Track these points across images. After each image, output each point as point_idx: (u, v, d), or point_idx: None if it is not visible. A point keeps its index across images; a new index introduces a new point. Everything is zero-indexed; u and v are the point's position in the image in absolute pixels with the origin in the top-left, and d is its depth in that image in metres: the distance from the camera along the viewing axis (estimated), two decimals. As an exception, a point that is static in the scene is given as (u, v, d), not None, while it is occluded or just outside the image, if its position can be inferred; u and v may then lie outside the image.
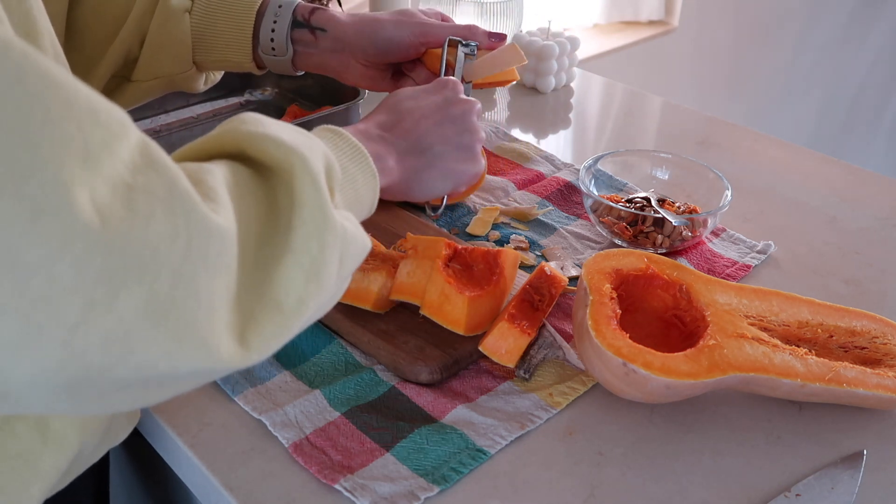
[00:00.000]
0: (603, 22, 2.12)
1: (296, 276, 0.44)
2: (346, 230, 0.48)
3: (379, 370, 0.70)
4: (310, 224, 0.44)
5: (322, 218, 0.45)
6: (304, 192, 0.45)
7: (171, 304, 0.36)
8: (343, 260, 0.47)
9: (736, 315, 0.67)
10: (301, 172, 0.45)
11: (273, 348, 0.43)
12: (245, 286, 0.41)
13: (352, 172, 0.57)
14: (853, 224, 0.94)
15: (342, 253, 0.47)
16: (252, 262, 0.42)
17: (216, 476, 0.60)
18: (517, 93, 1.27)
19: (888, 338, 0.69)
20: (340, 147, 0.57)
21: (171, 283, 0.36)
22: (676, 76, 2.31)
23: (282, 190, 0.45)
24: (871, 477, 0.62)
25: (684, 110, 1.23)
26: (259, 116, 0.49)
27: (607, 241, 0.88)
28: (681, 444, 0.64)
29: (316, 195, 0.45)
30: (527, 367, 0.69)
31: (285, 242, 0.44)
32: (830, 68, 2.89)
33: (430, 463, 0.61)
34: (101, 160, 0.35)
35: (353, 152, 0.58)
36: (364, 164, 0.58)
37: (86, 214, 0.33)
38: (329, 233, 0.45)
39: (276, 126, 0.48)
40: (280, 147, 0.46)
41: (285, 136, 0.47)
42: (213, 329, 0.38)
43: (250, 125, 0.47)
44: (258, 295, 0.42)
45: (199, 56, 0.85)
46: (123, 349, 0.35)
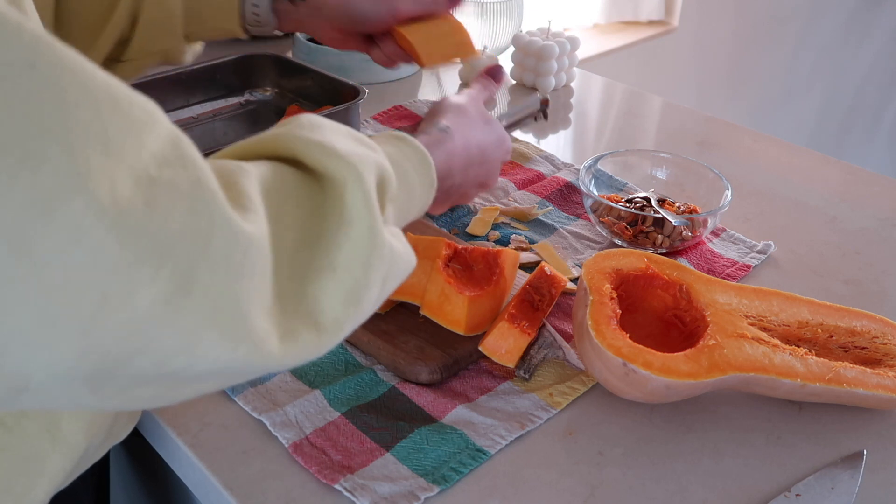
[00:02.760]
0: (603, 22, 2.12)
1: (336, 295, 0.42)
2: (394, 250, 0.46)
3: (379, 370, 0.70)
4: (357, 244, 0.43)
5: (371, 239, 0.44)
6: (354, 209, 0.44)
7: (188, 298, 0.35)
8: (386, 280, 0.47)
9: (736, 315, 0.67)
10: (353, 187, 0.44)
11: (302, 361, 0.42)
12: (280, 294, 0.40)
13: (412, 180, 0.56)
14: (853, 224, 0.94)
15: (386, 274, 0.46)
16: (288, 271, 0.41)
17: (216, 476, 0.60)
18: (517, 93, 1.27)
19: (888, 338, 0.69)
20: (405, 153, 0.56)
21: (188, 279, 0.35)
22: (676, 76, 2.31)
23: (332, 201, 0.44)
24: (871, 477, 0.62)
25: (684, 110, 1.23)
26: (318, 120, 0.48)
27: (607, 241, 0.88)
28: (681, 444, 0.64)
29: (366, 213, 0.44)
30: (527, 367, 0.69)
31: (329, 258, 0.43)
32: (830, 68, 2.89)
33: (430, 463, 0.61)
34: (124, 149, 0.34)
35: (418, 160, 0.57)
36: (426, 173, 0.57)
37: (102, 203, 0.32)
38: (376, 255, 0.44)
39: (332, 133, 0.47)
40: (332, 157, 0.44)
41: (340, 145, 0.45)
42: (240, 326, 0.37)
43: (306, 130, 0.46)
44: (294, 306, 0.41)
45: (191, 28, 0.87)
46: (141, 341, 0.35)
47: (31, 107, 0.32)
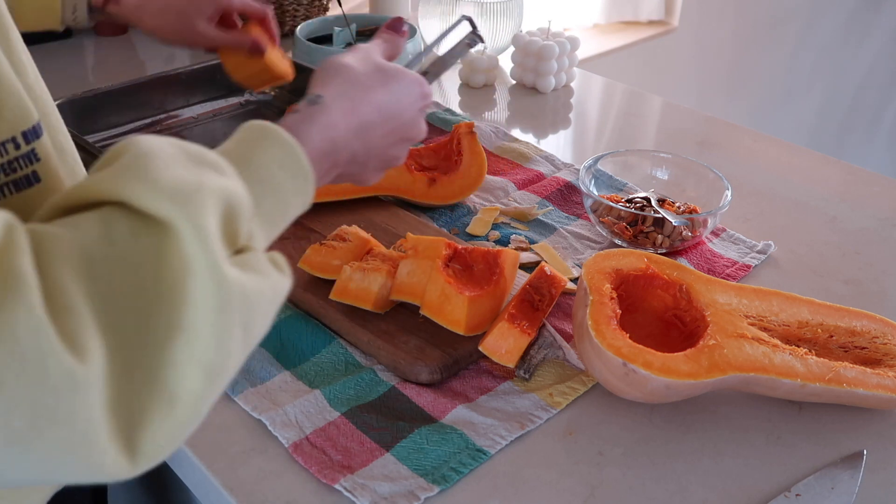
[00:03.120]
0: (603, 22, 2.12)
1: (188, 362, 0.38)
2: (247, 293, 0.41)
3: (379, 370, 0.70)
4: (200, 295, 0.38)
5: (216, 286, 0.38)
6: (191, 256, 0.38)
7: (36, 436, 0.34)
8: (248, 326, 0.41)
9: (736, 315, 0.67)
10: (186, 232, 0.38)
11: (169, 449, 0.38)
12: (125, 384, 0.37)
13: (279, 179, 0.49)
14: (853, 224, 0.94)
15: (245, 320, 0.41)
16: (132, 357, 0.37)
17: (216, 476, 0.60)
18: (517, 93, 1.27)
19: (888, 338, 0.69)
20: (266, 149, 0.49)
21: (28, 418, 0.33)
22: (676, 76, 2.31)
23: (172, 248, 0.38)
24: (871, 477, 0.62)
25: (684, 110, 1.23)
26: (145, 148, 0.41)
27: (607, 241, 0.88)
28: (681, 444, 0.64)
29: (205, 260, 0.38)
30: (527, 367, 0.69)
31: (175, 321, 0.38)
32: (830, 68, 2.89)
33: (430, 463, 0.61)
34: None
35: (284, 153, 0.50)
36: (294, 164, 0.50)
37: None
38: (225, 303, 0.39)
39: (160, 164, 0.40)
40: (158, 198, 0.38)
41: (167, 181, 0.39)
42: (93, 446, 0.35)
43: (129, 167, 0.40)
44: (145, 390, 0.37)
45: None
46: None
47: None
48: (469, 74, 1.27)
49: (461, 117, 1.14)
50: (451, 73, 1.32)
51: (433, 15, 1.33)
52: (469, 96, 1.25)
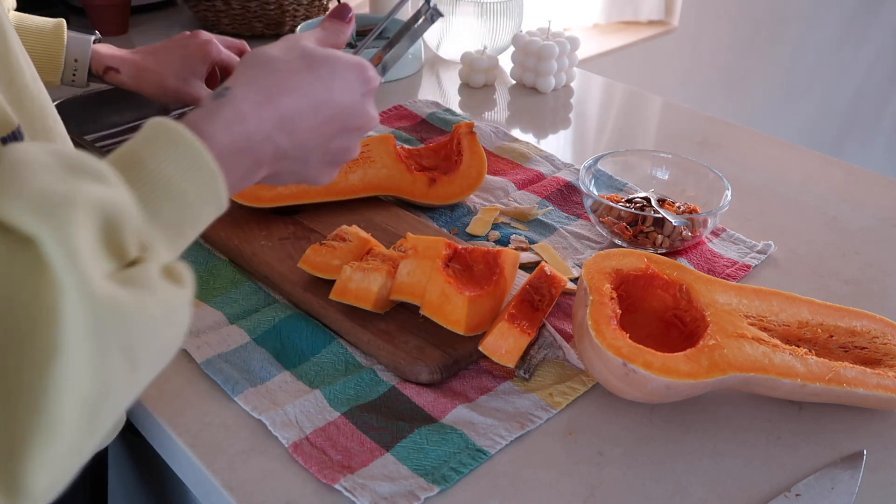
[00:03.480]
0: (603, 22, 2.12)
1: (63, 390, 0.35)
2: (124, 311, 0.37)
3: (379, 370, 0.70)
4: (69, 316, 0.35)
5: (83, 306, 0.35)
6: (60, 274, 0.35)
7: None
8: (132, 348, 0.38)
9: (736, 315, 0.67)
10: (52, 248, 0.35)
11: (50, 488, 0.36)
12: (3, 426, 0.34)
13: (178, 185, 0.45)
14: (853, 224, 0.94)
15: (127, 343, 0.37)
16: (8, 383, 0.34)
17: (216, 476, 0.60)
18: (517, 93, 1.27)
19: (888, 338, 0.69)
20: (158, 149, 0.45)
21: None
22: (676, 76, 2.31)
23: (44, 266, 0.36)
24: (871, 477, 0.62)
25: (684, 110, 1.23)
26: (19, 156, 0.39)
27: (607, 241, 0.88)
28: (681, 444, 0.64)
29: (71, 275, 0.35)
30: (527, 367, 0.69)
31: (47, 344, 0.35)
32: (830, 68, 2.89)
33: (430, 463, 0.61)
34: None
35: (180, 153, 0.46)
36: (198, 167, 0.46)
37: None
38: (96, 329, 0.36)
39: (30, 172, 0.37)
40: (20, 211, 0.35)
41: (31, 192, 0.36)
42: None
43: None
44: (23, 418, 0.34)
45: None
46: None
47: None
48: (469, 74, 1.27)
49: (461, 117, 1.14)
50: (452, 73, 1.32)
51: (433, 15, 1.33)
52: (469, 96, 1.25)
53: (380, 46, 0.71)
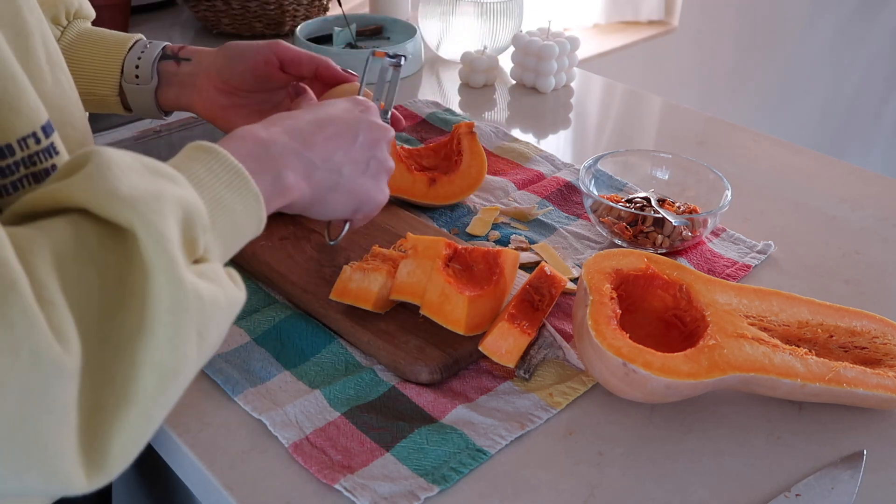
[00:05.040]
0: (603, 22, 2.12)
1: (145, 363, 0.39)
2: (204, 299, 0.42)
3: (379, 370, 0.70)
4: (160, 299, 0.40)
5: (174, 288, 0.40)
6: (150, 260, 0.40)
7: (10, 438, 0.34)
8: (202, 332, 0.42)
9: (736, 315, 0.67)
10: (145, 237, 0.40)
11: (125, 456, 0.40)
12: (90, 382, 0.38)
13: (228, 203, 0.50)
14: (853, 224, 0.94)
15: (200, 325, 0.42)
16: (97, 356, 0.38)
17: (216, 476, 0.60)
18: (517, 93, 1.27)
19: (888, 338, 0.69)
20: (216, 172, 0.50)
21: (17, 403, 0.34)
22: (676, 76, 2.31)
23: (133, 253, 0.40)
24: (871, 477, 0.62)
25: (684, 110, 1.23)
26: (106, 158, 0.43)
27: (607, 241, 0.88)
28: (681, 444, 0.64)
29: (165, 262, 0.40)
30: (527, 367, 0.69)
31: (135, 322, 0.39)
32: (830, 68, 2.89)
33: (430, 463, 0.61)
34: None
35: (231, 177, 0.51)
36: (244, 188, 0.51)
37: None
38: (182, 306, 0.40)
39: (120, 173, 0.42)
40: (119, 205, 0.40)
41: (126, 189, 0.41)
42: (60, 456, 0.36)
43: (91, 176, 0.41)
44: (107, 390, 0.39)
45: None
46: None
47: None
48: (469, 74, 1.27)
49: (461, 117, 1.14)
50: (452, 73, 1.32)
51: (433, 15, 1.33)
52: (469, 96, 1.25)
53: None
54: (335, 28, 1.31)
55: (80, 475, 0.38)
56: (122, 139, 1.05)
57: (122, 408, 0.39)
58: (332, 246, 0.78)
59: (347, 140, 0.64)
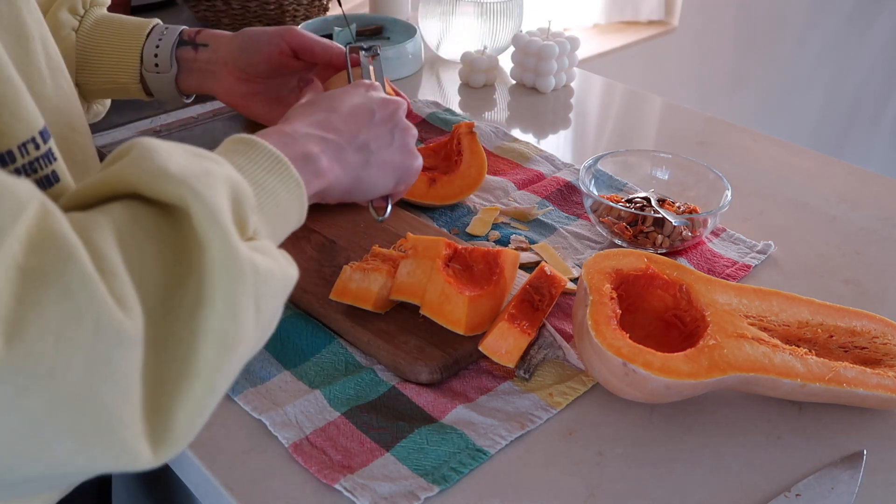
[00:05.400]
0: (603, 22, 2.12)
1: (205, 333, 0.40)
2: (259, 269, 0.43)
3: (379, 370, 0.70)
4: (218, 268, 0.40)
5: (230, 259, 0.41)
6: (205, 233, 0.40)
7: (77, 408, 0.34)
8: (259, 304, 0.43)
9: (736, 315, 0.67)
10: (199, 211, 0.40)
11: (196, 427, 0.40)
12: (153, 353, 0.38)
13: (271, 187, 0.51)
14: (853, 224, 0.94)
15: (258, 296, 0.42)
16: (159, 328, 0.39)
17: (216, 476, 0.60)
18: (517, 93, 1.27)
19: (888, 338, 0.69)
20: (255, 160, 0.52)
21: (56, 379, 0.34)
22: (676, 76, 2.31)
23: (185, 230, 0.41)
24: (871, 477, 0.62)
25: (684, 110, 1.23)
26: (149, 144, 0.44)
27: (607, 241, 0.88)
28: (681, 444, 0.64)
29: (219, 234, 0.40)
30: (527, 366, 0.69)
31: (193, 295, 0.40)
32: (830, 68, 2.89)
33: (430, 463, 0.61)
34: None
35: (270, 164, 0.52)
36: (286, 174, 0.53)
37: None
38: (239, 276, 0.41)
39: (166, 155, 0.43)
40: (170, 183, 0.41)
41: (175, 168, 0.42)
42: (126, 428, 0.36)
43: (138, 160, 0.42)
44: (169, 361, 0.39)
45: (83, 78, 0.82)
46: (31, 449, 0.34)
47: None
48: (469, 74, 1.27)
49: (461, 117, 1.14)
50: (452, 73, 1.32)
51: (433, 15, 1.33)
52: (469, 96, 1.25)
53: None
54: (335, 28, 1.31)
55: (146, 449, 0.38)
56: (122, 139, 1.05)
57: (185, 380, 0.39)
58: (382, 222, 0.77)
59: (365, 117, 0.66)
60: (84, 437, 0.35)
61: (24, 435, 0.34)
